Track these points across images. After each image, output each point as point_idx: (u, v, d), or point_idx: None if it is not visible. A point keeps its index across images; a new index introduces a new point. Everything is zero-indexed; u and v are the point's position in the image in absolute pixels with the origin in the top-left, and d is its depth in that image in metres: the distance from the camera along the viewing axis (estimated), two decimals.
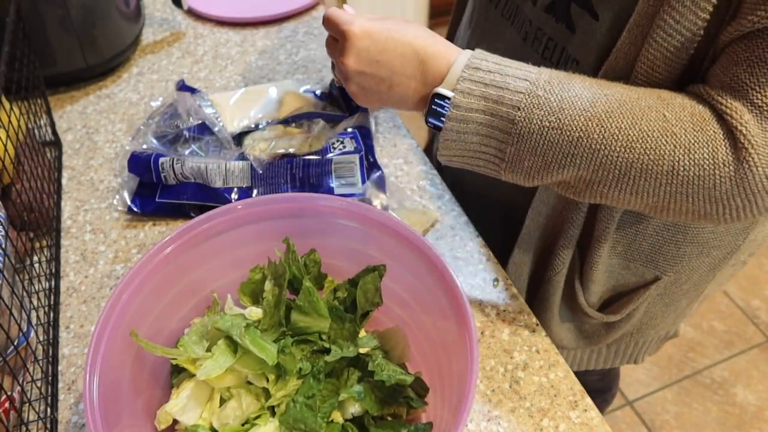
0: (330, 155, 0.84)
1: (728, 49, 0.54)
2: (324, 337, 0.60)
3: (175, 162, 0.83)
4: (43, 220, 0.80)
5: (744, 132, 0.52)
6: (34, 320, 0.70)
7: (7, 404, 0.59)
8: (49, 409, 0.66)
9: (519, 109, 0.56)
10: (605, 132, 0.54)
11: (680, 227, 0.71)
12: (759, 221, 0.73)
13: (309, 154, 0.84)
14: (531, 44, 0.70)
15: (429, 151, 1.02)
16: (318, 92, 0.97)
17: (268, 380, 0.57)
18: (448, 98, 0.58)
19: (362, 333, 0.62)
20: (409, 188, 0.88)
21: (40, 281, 0.75)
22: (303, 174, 0.83)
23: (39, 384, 0.67)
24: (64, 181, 0.90)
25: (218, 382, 0.57)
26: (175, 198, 0.84)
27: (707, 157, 0.53)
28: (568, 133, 0.55)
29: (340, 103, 0.95)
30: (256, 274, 0.64)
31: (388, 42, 0.60)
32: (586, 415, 0.65)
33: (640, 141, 0.54)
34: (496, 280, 0.77)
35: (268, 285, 0.60)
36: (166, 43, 1.14)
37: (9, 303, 0.59)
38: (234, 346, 0.56)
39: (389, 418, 0.59)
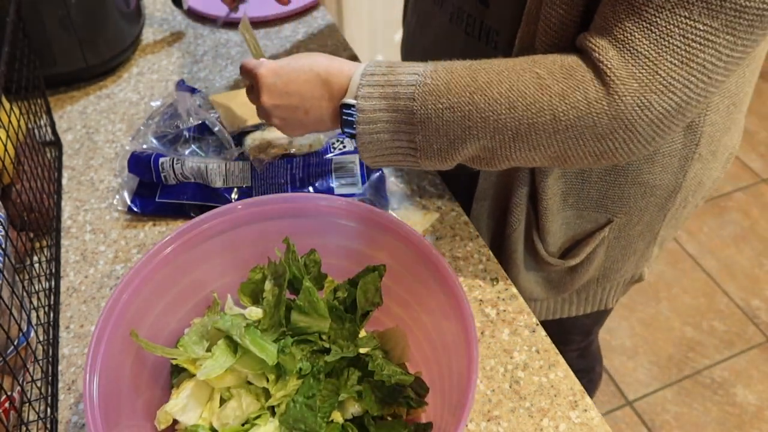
0: (330, 155, 0.84)
1: None
2: (324, 337, 0.60)
3: (175, 162, 0.83)
4: (43, 220, 0.80)
5: (608, 65, 0.56)
6: (34, 320, 0.70)
7: (7, 404, 0.59)
8: (49, 409, 0.66)
9: (414, 99, 0.62)
10: (489, 99, 0.60)
11: (620, 171, 0.75)
12: (694, 158, 0.76)
13: (309, 154, 0.84)
14: (456, 23, 0.77)
15: None
16: None
17: (268, 380, 0.57)
18: (354, 106, 0.64)
19: (362, 333, 0.62)
20: (409, 188, 0.88)
21: (40, 281, 0.75)
22: (303, 174, 0.83)
23: (39, 384, 0.67)
24: (64, 181, 0.90)
25: (218, 382, 0.57)
26: (175, 198, 0.84)
27: (580, 98, 0.57)
28: (460, 109, 0.61)
29: None
30: (256, 274, 0.64)
31: (291, 73, 0.68)
32: (586, 415, 0.65)
33: (520, 99, 0.59)
34: (496, 279, 0.77)
35: (268, 285, 0.60)
36: (166, 43, 1.14)
37: (9, 303, 0.59)
38: (234, 346, 0.56)
39: (389, 418, 0.59)
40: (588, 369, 1.21)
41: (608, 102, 0.57)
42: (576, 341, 1.09)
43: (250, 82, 0.73)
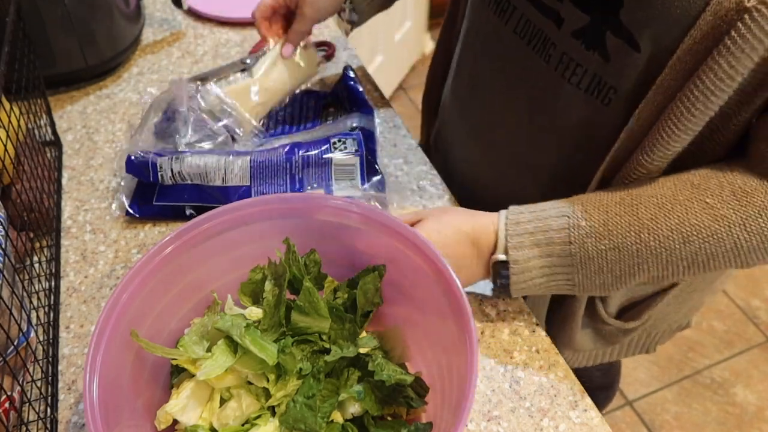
0: (330, 155, 0.84)
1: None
2: (324, 337, 0.60)
3: (173, 160, 0.82)
4: (43, 220, 0.80)
5: None
6: (34, 320, 0.69)
7: (7, 404, 0.59)
8: (49, 409, 0.66)
9: (570, 243, 0.61)
10: (659, 236, 0.58)
11: None
12: None
13: (309, 152, 0.84)
14: (555, 68, 0.67)
15: (427, 148, 1.02)
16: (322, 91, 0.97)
17: (268, 380, 0.57)
18: (507, 261, 0.64)
19: (362, 333, 0.62)
20: (409, 188, 0.88)
21: (40, 281, 0.75)
22: (302, 175, 0.83)
23: (39, 384, 0.67)
24: (64, 181, 0.90)
25: (218, 382, 0.57)
26: (173, 200, 0.83)
27: (764, 225, 0.57)
28: (627, 249, 0.60)
29: (344, 103, 0.95)
30: (256, 274, 0.64)
31: (446, 239, 0.66)
32: (586, 415, 0.65)
33: (695, 234, 0.58)
34: None
35: (268, 285, 0.60)
36: (166, 43, 1.14)
37: (9, 303, 0.59)
38: (234, 346, 0.56)
39: (389, 418, 0.59)
40: (608, 386, 1.21)
41: None
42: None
43: None
